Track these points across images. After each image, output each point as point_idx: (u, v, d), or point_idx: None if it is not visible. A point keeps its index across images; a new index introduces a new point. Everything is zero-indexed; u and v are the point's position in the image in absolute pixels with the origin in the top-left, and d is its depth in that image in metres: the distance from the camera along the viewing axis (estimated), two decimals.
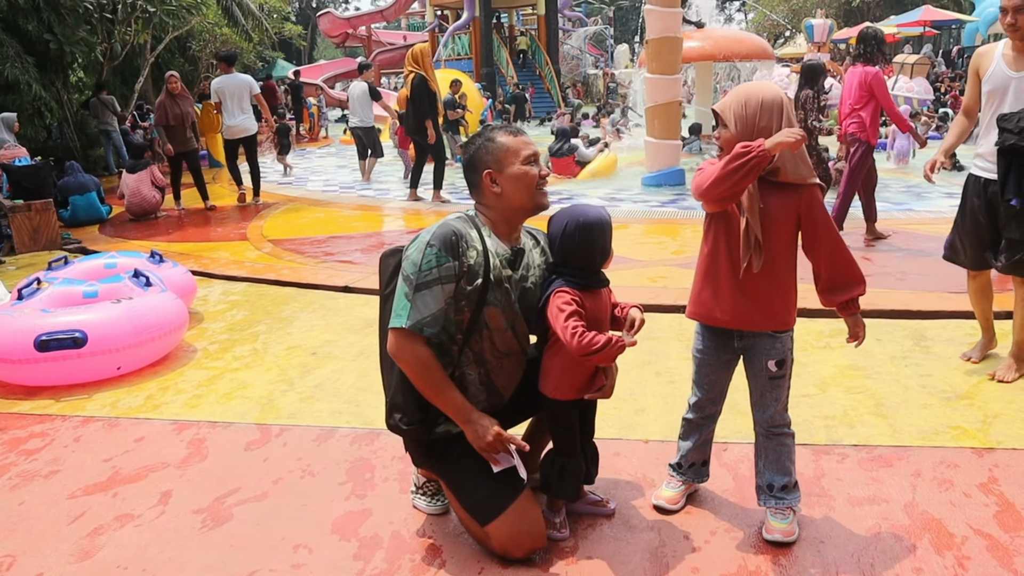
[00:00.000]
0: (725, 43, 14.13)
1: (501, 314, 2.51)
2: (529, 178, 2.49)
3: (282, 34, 29.57)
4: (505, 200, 2.51)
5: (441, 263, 2.36)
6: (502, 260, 2.51)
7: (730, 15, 59.80)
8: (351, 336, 4.86)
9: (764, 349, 2.59)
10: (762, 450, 2.69)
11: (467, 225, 2.48)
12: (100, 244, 8.14)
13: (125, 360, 4.21)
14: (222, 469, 3.21)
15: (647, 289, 5.53)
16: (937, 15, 28.48)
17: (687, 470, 2.87)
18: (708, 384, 2.76)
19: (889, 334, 4.64)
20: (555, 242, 2.52)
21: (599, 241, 2.49)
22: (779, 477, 2.64)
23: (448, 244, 2.38)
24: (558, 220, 2.52)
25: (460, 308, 2.44)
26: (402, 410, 2.51)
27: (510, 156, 2.50)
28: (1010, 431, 3.37)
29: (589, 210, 2.52)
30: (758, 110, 2.43)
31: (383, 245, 7.47)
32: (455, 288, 2.40)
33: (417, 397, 2.47)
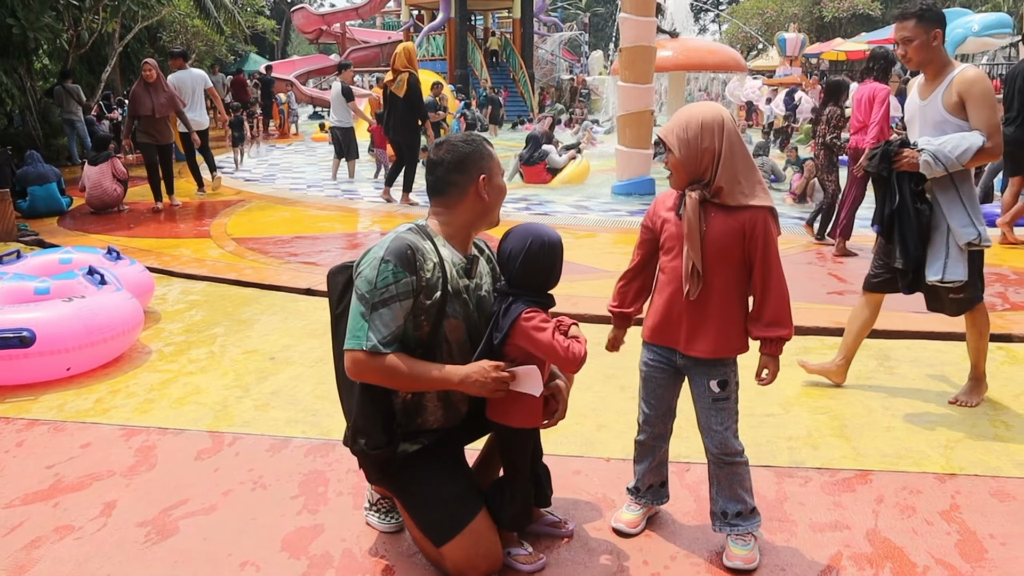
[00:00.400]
0: (698, 54, 14.22)
1: (461, 325, 2.43)
2: (503, 193, 2.51)
3: (255, 28, 29.25)
4: (483, 209, 2.46)
5: (398, 279, 2.27)
6: (458, 269, 2.44)
7: (704, 26, 60.34)
8: (311, 341, 4.76)
9: (705, 369, 2.54)
10: (714, 478, 2.62)
11: (420, 237, 2.40)
12: (58, 237, 7.93)
13: (75, 361, 4.07)
14: (170, 479, 3.10)
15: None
16: None
17: (645, 493, 2.81)
18: (656, 400, 2.70)
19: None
20: (515, 261, 2.38)
21: (560, 261, 2.43)
22: (732, 504, 2.58)
23: (404, 259, 2.29)
24: (518, 239, 2.40)
25: (419, 323, 2.35)
26: (366, 434, 2.40)
27: (497, 168, 2.50)
28: (971, 456, 3.37)
29: (547, 230, 2.44)
30: (699, 131, 2.39)
31: (349, 247, 7.36)
32: (413, 304, 2.32)
33: (382, 419, 2.39)
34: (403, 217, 9.09)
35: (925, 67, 3.71)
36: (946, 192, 3.66)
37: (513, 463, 2.54)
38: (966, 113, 3.61)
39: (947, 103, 3.66)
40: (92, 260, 5.07)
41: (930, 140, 3.63)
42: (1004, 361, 4.57)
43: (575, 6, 49.88)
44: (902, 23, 3.67)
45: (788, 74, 22.18)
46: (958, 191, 3.65)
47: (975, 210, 3.66)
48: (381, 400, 2.40)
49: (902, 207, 3.69)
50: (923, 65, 3.70)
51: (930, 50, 3.65)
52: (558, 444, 3.35)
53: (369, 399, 2.38)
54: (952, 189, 3.66)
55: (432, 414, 2.45)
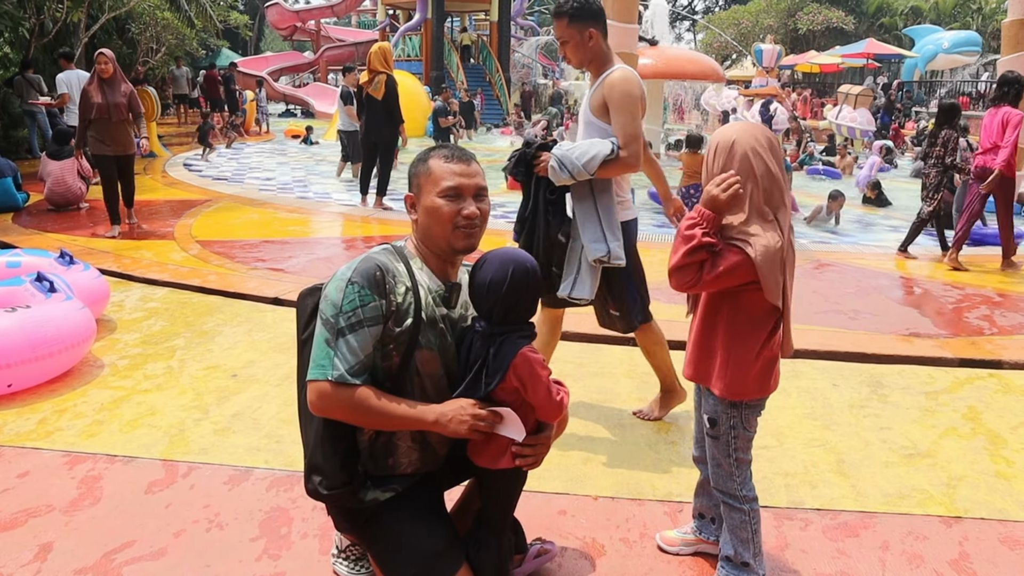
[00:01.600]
0: (678, 62, 14.10)
1: (436, 358, 2.17)
2: (440, 214, 2.14)
3: (228, 23, 28.65)
4: (423, 232, 2.21)
5: (365, 303, 2.03)
6: (435, 296, 2.19)
7: (679, 34, 60.52)
8: (277, 356, 4.47)
9: (705, 399, 2.42)
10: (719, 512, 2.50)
11: (393, 258, 2.16)
12: (12, 235, 7.54)
13: (17, 377, 3.75)
14: (116, 516, 2.80)
15: (594, 318, 5.24)
16: (880, 48, 29.21)
17: (696, 519, 2.69)
18: (696, 419, 2.60)
19: (845, 379, 4.46)
20: (498, 290, 2.11)
21: (541, 289, 2.22)
22: (726, 545, 2.44)
23: (372, 280, 2.05)
24: (499, 266, 2.13)
25: (388, 353, 2.09)
26: (322, 472, 2.14)
27: (429, 183, 2.18)
28: (976, 496, 3.19)
29: (524, 255, 2.18)
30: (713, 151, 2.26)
31: (319, 253, 7.06)
32: (382, 331, 2.07)
33: (341, 458, 2.13)
34: (377, 222, 8.81)
35: (588, 67, 3.47)
36: (583, 203, 3.39)
37: (497, 509, 2.30)
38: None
39: (594, 104, 3.42)
40: (43, 264, 4.75)
41: (560, 145, 3.40)
42: (997, 390, 4.42)
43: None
44: (556, 22, 3.42)
45: (763, 85, 22.15)
46: (596, 203, 3.38)
47: (611, 225, 3.37)
48: (342, 435, 2.14)
49: (534, 215, 3.46)
50: (584, 65, 3.46)
51: (587, 50, 3.40)
52: (541, 480, 3.11)
53: (328, 433, 2.13)
54: (589, 200, 3.38)
55: (405, 456, 2.20)
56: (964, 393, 4.36)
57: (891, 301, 6.05)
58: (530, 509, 2.87)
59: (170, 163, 13.50)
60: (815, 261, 7.36)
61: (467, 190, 2.17)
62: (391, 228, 8.43)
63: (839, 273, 6.93)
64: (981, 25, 31.39)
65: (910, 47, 29.24)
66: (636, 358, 4.20)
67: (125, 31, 19.75)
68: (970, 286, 6.68)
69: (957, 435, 3.80)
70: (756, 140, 2.19)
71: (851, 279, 6.71)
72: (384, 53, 9.24)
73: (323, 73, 33.68)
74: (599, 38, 3.40)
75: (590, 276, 3.40)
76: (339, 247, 7.43)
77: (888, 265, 7.43)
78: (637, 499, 3.05)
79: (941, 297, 6.26)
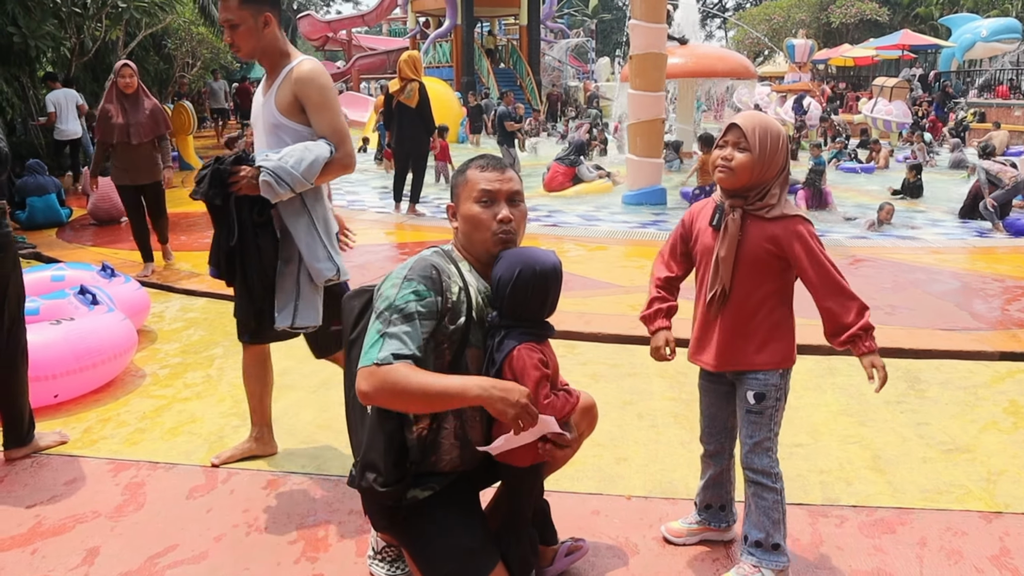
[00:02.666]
0: (708, 60, 13.99)
1: (481, 357, 2.22)
2: (477, 220, 2.21)
3: None
4: (464, 239, 2.26)
5: (422, 298, 2.08)
6: (484, 297, 2.24)
7: (711, 32, 60.11)
8: (313, 363, 4.46)
9: (747, 378, 2.45)
10: (745, 495, 2.51)
11: (444, 260, 2.22)
12: (56, 250, 7.74)
13: (63, 387, 3.86)
14: (159, 521, 2.88)
15: (627, 318, 5.26)
16: (915, 39, 28.71)
17: (702, 511, 2.73)
18: (708, 417, 2.64)
19: None
20: (504, 289, 2.16)
21: (555, 292, 2.22)
22: (754, 531, 2.44)
23: (429, 278, 2.11)
24: (508, 265, 2.18)
25: (441, 351, 2.14)
26: (377, 469, 2.17)
27: (466, 191, 2.25)
28: (1017, 492, 3.14)
29: (541, 255, 2.21)
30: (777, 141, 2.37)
31: (355, 260, 7.14)
32: (435, 327, 2.11)
33: (394, 455, 2.16)
34: (411, 228, 8.89)
35: (260, 59, 3.02)
36: (298, 219, 2.99)
37: (519, 502, 2.33)
38: (306, 116, 2.97)
39: (281, 103, 2.97)
40: (85, 278, 4.88)
41: (268, 154, 2.90)
42: None
43: (582, 12, 49.71)
44: (223, 3, 2.92)
45: (797, 80, 21.93)
46: (311, 217, 3.01)
47: (331, 239, 3.09)
48: (395, 433, 2.18)
49: (243, 244, 2.96)
50: (255, 56, 3.01)
51: (261, 37, 2.96)
52: (574, 480, 3.13)
53: (382, 431, 2.17)
54: (304, 215, 3.00)
55: (448, 453, 2.23)
56: (1005, 387, 4.29)
57: (928, 295, 5.96)
58: (564, 509, 2.89)
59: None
60: (850, 256, 7.27)
61: (501, 195, 2.23)
62: (424, 234, 8.50)
63: (875, 268, 6.84)
64: (1021, 11, 30.70)
65: (947, 37, 28.70)
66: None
67: (162, 47, 20.14)
68: (1010, 278, 6.55)
69: (997, 429, 3.74)
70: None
71: (887, 274, 6.62)
72: (414, 61, 9.31)
73: (355, 82, 34.02)
74: (275, 24, 2.98)
75: (314, 299, 3.04)
76: (373, 254, 7.50)
77: (925, 259, 7.31)
78: (671, 498, 3.05)
79: (980, 290, 6.15)
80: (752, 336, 2.40)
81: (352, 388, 2.20)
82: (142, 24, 15.48)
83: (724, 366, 2.45)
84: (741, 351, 2.42)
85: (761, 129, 2.32)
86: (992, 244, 8.30)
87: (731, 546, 2.73)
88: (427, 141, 9.52)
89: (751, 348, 2.41)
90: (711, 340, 2.46)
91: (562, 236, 8.37)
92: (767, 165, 2.32)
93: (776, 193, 2.35)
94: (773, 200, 2.34)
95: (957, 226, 9.54)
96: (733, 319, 2.41)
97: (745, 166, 2.29)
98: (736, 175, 2.31)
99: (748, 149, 2.30)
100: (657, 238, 8.18)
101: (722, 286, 2.37)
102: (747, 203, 2.35)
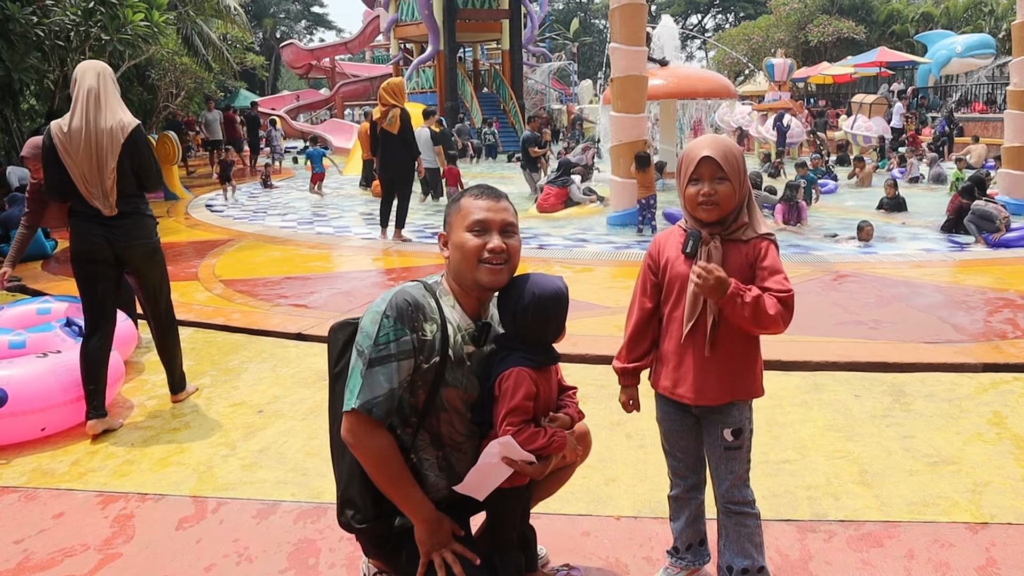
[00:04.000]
0: (689, 81, 14.14)
1: (462, 395, 2.23)
2: (466, 248, 2.18)
3: (244, 64, 29.21)
4: (453, 269, 2.25)
5: (398, 336, 2.09)
6: (464, 335, 2.23)
7: (691, 52, 60.77)
8: (301, 391, 4.55)
9: (719, 416, 2.37)
10: (722, 528, 2.43)
11: (426, 294, 2.21)
12: (42, 282, 7.71)
13: (50, 420, 3.86)
14: (148, 554, 2.87)
15: (614, 339, 5.24)
16: (892, 56, 29.12)
17: (685, 553, 2.60)
18: (681, 452, 2.53)
19: (867, 389, 4.45)
20: (508, 313, 2.22)
21: (555, 318, 2.24)
22: (739, 559, 2.38)
23: (403, 315, 2.11)
24: (513, 289, 2.23)
25: (415, 390, 2.16)
26: (355, 506, 2.20)
27: (458, 219, 2.24)
28: (1002, 502, 3.17)
29: (547, 282, 2.24)
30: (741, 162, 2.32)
31: (341, 287, 7.17)
32: (412, 365, 2.13)
33: (373, 491, 2.18)
34: (397, 254, 8.91)
35: None
36: None
37: (502, 528, 2.35)
38: None
39: None
40: (72, 310, 4.86)
41: None
42: (1023, 393, 4.39)
43: (563, 36, 50.19)
44: None
45: (777, 99, 22.17)
46: None
47: None
48: None
49: None
50: None
51: None
52: (564, 502, 3.14)
53: (361, 467, 2.18)
54: None
55: (433, 484, 2.25)
56: (988, 398, 4.33)
57: (912, 309, 6.02)
58: (554, 531, 2.90)
59: (192, 205, 13.74)
60: (834, 272, 7.34)
61: (493, 224, 2.21)
62: (411, 260, 8.53)
63: (858, 284, 6.91)
64: (993, 27, 31.22)
65: (923, 53, 29.14)
66: None
67: (145, 78, 20.19)
68: (991, 290, 6.63)
69: (982, 441, 3.78)
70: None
71: (871, 289, 6.69)
72: (393, 88, 9.38)
73: (339, 109, 34.18)
74: None
75: None
76: (360, 281, 7.52)
77: (908, 273, 7.39)
78: (659, 518, 3.06)
79: (963, 303, 6.22)
80: (732, 366, 2.33)
81: (336, 422, 2.22)
82: (125, 56, 15.53)
83: (703, 400, 2.34)
84: (723, 383, 2.33)
85: (731, 155, 2.29)
86: (973, 257, 8.39)
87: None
88: (411, 166, 9.57)
89: (732, 379, 2.34)
90: (688, 372, 2.35)
91: (548, 259, 8.41)
92: (742, 186, 2.30)
93: (747, 212, 2.33)
94: (746, 219, 2.32)
95: (939, 240, 9.64)
96: (715, 350, 2.32)
97: (729, 196, 2.26)
98: (722, 207, 2.27)
99: (727, 178, 2.26)
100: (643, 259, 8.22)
101: (713, 316, 2.27)
102: (724, 228, 2.31)
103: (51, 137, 3.88)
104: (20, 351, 4.21)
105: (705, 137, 2.38)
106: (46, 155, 3.90)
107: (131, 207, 4.01)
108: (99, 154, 3.86)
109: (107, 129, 3.88)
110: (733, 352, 2.32)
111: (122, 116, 3.96)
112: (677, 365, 2.38)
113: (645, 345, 2.50)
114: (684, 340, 2.34)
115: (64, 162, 3.84)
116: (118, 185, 3.91)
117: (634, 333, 2.50)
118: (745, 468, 2.40)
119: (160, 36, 15.73)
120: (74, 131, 3.85)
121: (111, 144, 3.88)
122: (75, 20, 12.89)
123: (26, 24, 11.84)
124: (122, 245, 4.01)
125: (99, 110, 3.91)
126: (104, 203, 3.90)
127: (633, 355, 2.51)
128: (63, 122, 3.88)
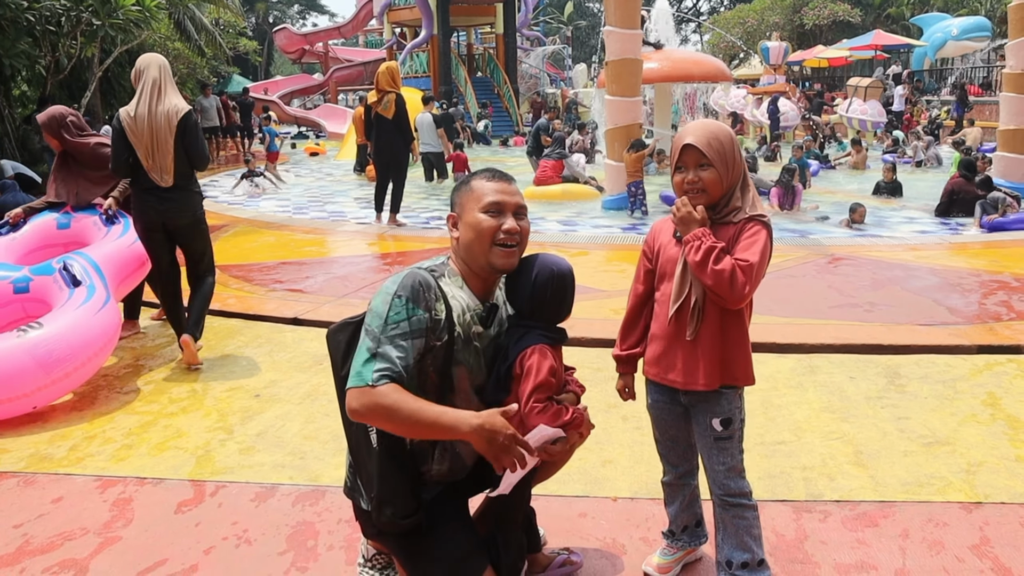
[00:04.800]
0: (684, 65, 14.12)
1: (470, 375, 2.25)
2: (482, 228, 2.20)
3: (237, 49, 29.06)
4: (464, 250, 2.26)
5: (411, 315, 2.10)
6: (473, 315, 2.24)
7: (686, 36, 60.54)
8: (298, 375, 4.55)
9: (708, 405, 2.34)
10: (719, 521, 2.41)
11: (432, 275, 2.22)
12: None
13: (39, 399, 3.91)
14: (148, 536, 2.88)
15: (610, 322, 5.30)
16: (887, 39, 29.09)
17: (681, 535, 2.61)
18: (671, 440, 2.53)
19: (862, 371, 4.47)
20: (524, 291, 2.26)
21: (571, 294, 2.30)
22: (739, 553, 2.36)
23: (416, 294, 2.12)
24: (528, 267, 2.28)
25: (425, 368, 2.16)
26: (393, 503, 2.16)
27: (471, 201, 2.25)
28: (996, 482, 3.20)
29: (558, 259, 2.30)
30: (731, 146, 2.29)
31: (336, 272, 7.16)
32: (424, 344, 2.13)
33: (408, 483, 2.18)
34: (392, 239, 8.90)
35: None
36: None
37: (507, 510, 2.36)
38: None
39: None
40: (90, 223, 5.17)
41: None
42: (1016, 375, 4.41)
43: (557, 20, 50.00)
44: None
45: (772, 82, 22.14)
46: None
47: None
48: (405, 462, 2.20)
49: None
50: None
51: None
52: (561, 484, 3.15)
53: (391, 463, 2.16)
54: None
55: (438, 464, 2.26)
56: (982, 379, 4.35)
57: (907, 292, 6.04)
58: (551, 513, 2.92)
59: None
60: (829, 255, 7.36)
61: (508, 207, 2.24)
62: (406, 244, 8.53)
63: (854, 266, 6.93)
64: (989, 10, 31.16)
65: (918, 36, 29.08)
66: None
67: None
68: (986, 272, 6.65)
69: (976, 421, 3.80)
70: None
71: (866, 272, 6.71)
72: (391, 72, 9.34)
73: (333, 94, 34.03)
74: None
75: None
76: (355, 265, 7.52)
77: (903, 256, 7.41)
78: (655, 499, 3.06)
79: (958, 285, 6.24)
80: (719, 351, 2.30)
81: (351, 426, 2.21)
82: (117, 41, 15.44)
83: (693, 384, 2.31)
84: (712, 367, 2.29)
85: (715, 140, 2.25)
86: (968, 240, 8.42)
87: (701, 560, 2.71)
88: (405, 151, 9.54)
89: (720, 364, 2.30)
90: (676, 357, 2.33)
91: (543, 242, 8.40)
92: (731, 171, 2.26)
93: (740, 196, 2.29)
94: (738, 202, 2.28)
95: (934, 223, 9.66)
96: (701, 333, 2.28)
97: (714, 182, 2.24)
98: (710, 193, 2.25)
99: (711, 164, 2.23)
100: (637, 242, 8.23)
101: (696, 298, 2.25)
102: (715, 212, 2.28)
103: (120, 121, 4.50)
104: (24, 296, 4.46)
105: (693, 124, 2.36)
106: (116, 136, 4.52)
107: (184, 182, 4.67)
108: (159, 135, 4.51)
109: (164, 112, 4.52)
110: (719, 335, 2.29)
111: (176, 102, 4.59)
112: (666, 349, 2.35)
113: (639, 332, 2.50)
114: (670, 323, 2.31)
115: (131, 142, 4.48)
116: (175, 162, 4.56)
117: (628, 319, 2.52)
118: (738, 459, 2.38)
119: (152, 21, 15.65)
120: (139, 116, 4.49)
121: (168, 125, 4.52)
122: (66, 5, 12.79)
123: (16, 9, 11.75)
124: (171, 216, 4.69)
125: (160, 98, 4.55)
126: (162, 178, 4.58)
127: (627, 342, 2.52)
128: (130, 108, 4.51)
